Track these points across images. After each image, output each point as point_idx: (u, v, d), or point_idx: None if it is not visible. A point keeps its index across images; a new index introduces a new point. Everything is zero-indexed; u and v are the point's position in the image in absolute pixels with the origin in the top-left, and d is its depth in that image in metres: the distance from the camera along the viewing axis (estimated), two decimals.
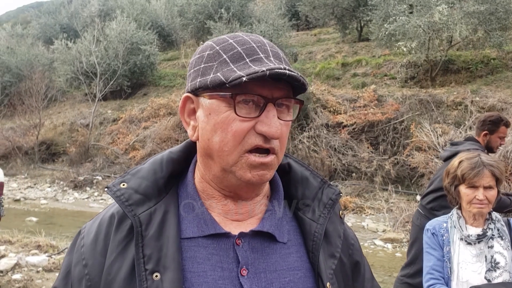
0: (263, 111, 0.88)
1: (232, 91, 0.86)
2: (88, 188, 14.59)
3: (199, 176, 0.99)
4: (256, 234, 0.95)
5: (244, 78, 0.83)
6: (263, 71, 0.83)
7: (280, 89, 0.89)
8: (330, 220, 1.03)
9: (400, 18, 13.18)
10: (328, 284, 0.96)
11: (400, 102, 12.65)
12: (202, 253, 0.92)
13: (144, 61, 20.10)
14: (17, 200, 13.84)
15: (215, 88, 0.88)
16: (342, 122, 12.58)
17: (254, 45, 0.91)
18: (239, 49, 0.90)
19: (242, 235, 0.94)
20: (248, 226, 0.97)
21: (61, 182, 15.37)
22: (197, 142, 0.97)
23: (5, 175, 17.44)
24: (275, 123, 0.88)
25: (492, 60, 13.54)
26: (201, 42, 22.41)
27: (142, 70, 20.45)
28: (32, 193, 14.85)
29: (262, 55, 0.90)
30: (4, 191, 14.49)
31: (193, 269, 0.90)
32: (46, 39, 27.78)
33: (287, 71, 0.85)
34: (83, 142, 17.03)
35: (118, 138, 16.79)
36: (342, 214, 1.09)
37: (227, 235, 0.94)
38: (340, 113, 12.98)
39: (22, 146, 18.22)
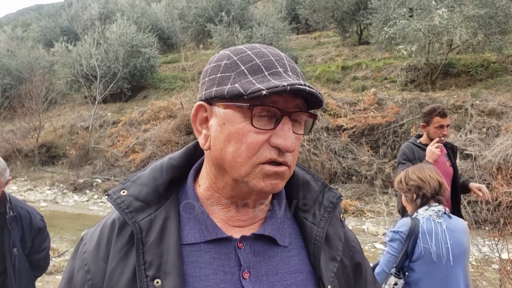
0: (279, 123, 0.88)
1: (250, 103, 0.86)
2: (88, 191, 14.57)
3: (207, 184, 0.98)
4: (257, 238, 0.96)
5: (264, 92, 0.83)
6: (284, 85, 0.84)
7: (295, 103, 0.90)
8: (331, 224, 1.03)
9: (400, 21, 13.19)
10: (329, 287, 0.97)
11: (400, 106, 12.66)
12: (204, 258, 0.92)
13: (144, 64, 20.11)
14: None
15: (232, 99, 0.88)
16: (342, 125, 12.59)
17: (272, 58, 0.91)
18: (257, 61, 0.90)
19: (243, 238, 0.95)
20: (250, 230, 0.97)
21: (61, 185, 15.36)
22: (207, 151, 0.96)
23: None
24: (290, 136, 0.88)
25: (492, 64, 13.55)
26: (201, 45, 22.48)
27: (142, 73, 20.46)
28: (32, 195, 14.84)
29: (280, 69, 0.90)
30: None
31: (195, 273, 0.91)
32: (46, 42, 27.81)
33: (307, 88, 0.85)
34: (83, 145, 17.02)
35: (118, 141, 16.78)
36: (342, 217, 1.09)
37: (228, 239, 0.95)
38: (340, 117, 12.98)
39: (22, 149, 18.21)
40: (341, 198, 1.06)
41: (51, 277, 6.28)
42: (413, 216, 2.66)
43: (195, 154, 1.05)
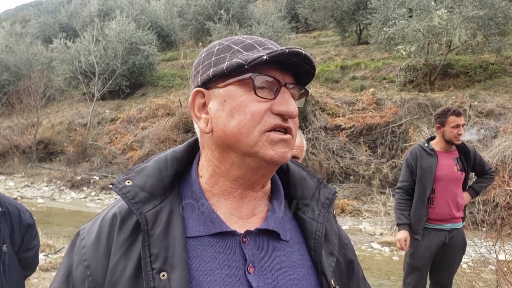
0: (278, 93, 0.91)
1: (251, 72, 0.89)
2: (85, 188, 14.56)
3: (210, 171, 0.98)
4: (261, 232, 0.96)
5: (265, 57, 0.86)
6: (282, 49, 0.87)
7: (289, 76, 0.93)
8: (327, 219, 1.04)
9: (400, 21, 13.21)
10: (332, 280, 0.98)
11: (398, 106, 12.68)
12: (209, 252, 0.92)
13: (143, 61, 20.10)
14: (14, 199, 13.78)
15: (231, 74, 0.90)
16: (341, 125, 12.60)
17: (262, 39, 0.96)
18: (249, 41, 0.94)
19: (247, 233, 0.95)
20: (252, 225, 0.97)
21: (58, 182, 15.34)
22: (208, 136, 0.97)
23: (2, 174, 17.48)
24: (292, 102, 0.91)
25: (490, 65, 13.58)
26: (200, 43, 22.46)
27: (141, 70, 20.45)
28: (29, 192, 14.82)
29: (271, 46, 0.94)
30: (1, 190, 14.45)
31: (200, 267, 0.90)
32: (45, 38, 27.79)
33: (303, 51, 0.88)
34: (80, 142, 17.01)
35: (116, 138, 16.78)
36: (334, 213, 1.11)
37: (233, 233, 0.94)
38: (339, 116, 12.99)
39: (20, 145, 18.19)
40: (336, 194, 1.07)
41: (47, 274, 6.26)
42: None
43: (195, 149, 1.05)
